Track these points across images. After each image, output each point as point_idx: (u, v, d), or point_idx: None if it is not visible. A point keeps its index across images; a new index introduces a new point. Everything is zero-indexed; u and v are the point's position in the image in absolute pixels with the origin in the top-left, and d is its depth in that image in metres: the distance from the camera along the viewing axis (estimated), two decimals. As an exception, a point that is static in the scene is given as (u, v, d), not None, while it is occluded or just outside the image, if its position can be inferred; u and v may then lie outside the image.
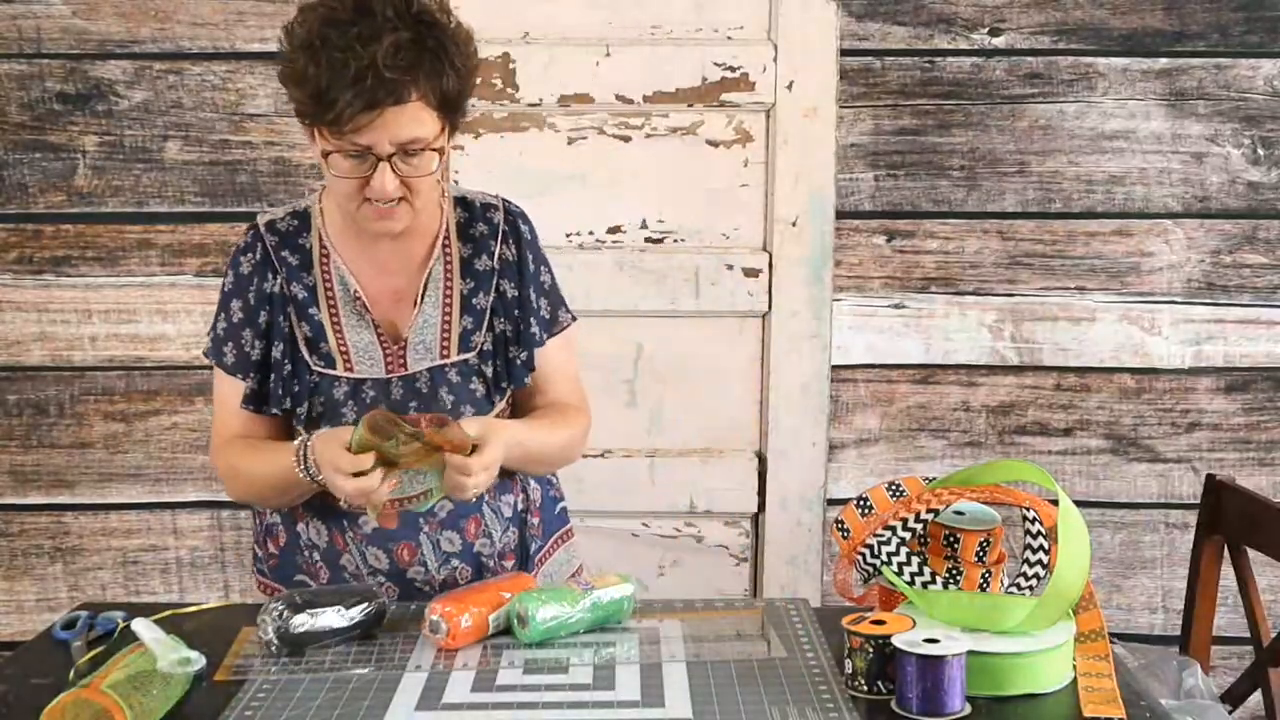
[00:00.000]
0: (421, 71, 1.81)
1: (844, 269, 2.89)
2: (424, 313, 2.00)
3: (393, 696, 1.65)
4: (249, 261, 2.01)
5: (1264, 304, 2.91)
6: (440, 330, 2.00)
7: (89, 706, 1.52)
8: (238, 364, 2.01)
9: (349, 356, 1.98)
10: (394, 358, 1.99)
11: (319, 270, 2.01)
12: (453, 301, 2.01)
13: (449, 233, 2.03)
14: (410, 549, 2.00)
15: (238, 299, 2.02)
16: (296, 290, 1.99)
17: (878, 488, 1.87)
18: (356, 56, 1.77)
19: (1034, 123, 2.86)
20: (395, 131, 1.82)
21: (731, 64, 2.82)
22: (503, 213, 2.06)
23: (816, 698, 1.64)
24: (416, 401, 1.97)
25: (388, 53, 1.78)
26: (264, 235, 2.02)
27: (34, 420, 2.90)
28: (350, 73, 1.77)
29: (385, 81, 1.78)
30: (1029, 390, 2.93)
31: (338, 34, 1.79)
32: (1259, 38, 2.84)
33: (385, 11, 1.81)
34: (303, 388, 1.99)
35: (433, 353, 1.99)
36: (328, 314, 1.99)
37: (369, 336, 1.99)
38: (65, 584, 2.94)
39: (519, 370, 2.03)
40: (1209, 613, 2.36)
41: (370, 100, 1.78)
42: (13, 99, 2.83)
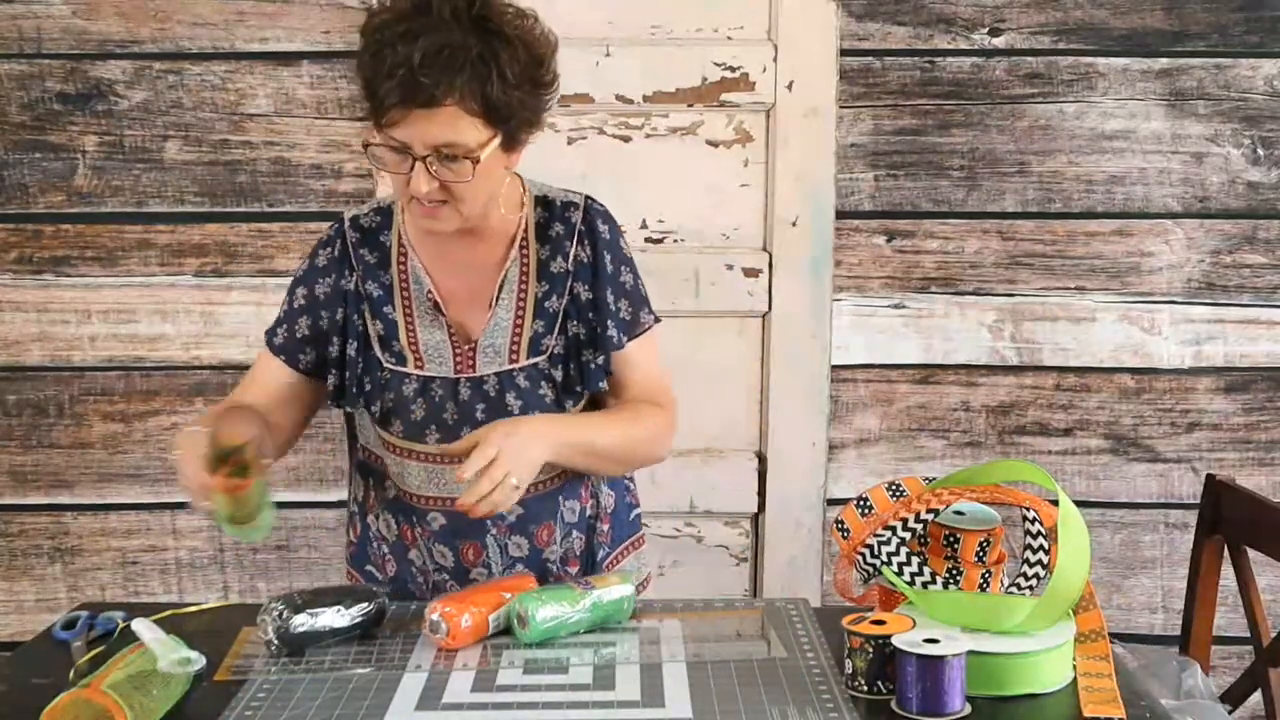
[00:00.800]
0: (461, 77, 1.77)
1: (844, 269, 2.89)
2: (497, 315, 1.98)
3: (393, 696, 1.65)
4: (327, 255, 2.02)
5: (1264, 304, 2.91)
6: (511, 334, 1.98)
7: (89, 707, 1.52)
8: (284, 346, 2.02)
9: (420, 355, 1.98)
10: (464, 359, 1.97)
11: (396, 268, 2.00)
12: (526, 304, 1.98)
13: (527, 233, 2.00)
14: (476, 549, 2.01)
15: (303, 286, 2.02)
16: (372, 288, 1.99)
17: (878, 488, 1.87)
18: (395, 53, 1.76)
19: (1034, 123, 2.86)
20: (427, 134, 1.79)
21: (731, 64, 2.82)
22: (582, 212, 2.01)
23: (816, 698, 1.64)
24: (484, 404, 1.96)
25: (426, 54, 1.75)
26: (347, 231, 2.02)
27: (34, 420, 2.90)
28: (386, 67, 1.76)
29: (418, 83, 1.75)
30: (1029, 390, 2.93)
31: (390, 30, 1.78)
32: (1259, 38, 2.84)
33: (443, 11, 1.78)
34: (375, 385, 1.98)
35: (502, 356, 1.97)
36: (402, 312, 1.99)
37: (441, 336, 1.98)
38: (65, 584, 2.94)
39: (593, 374, 1.99)
40: (1209, 613, 2.36)
41: (402, 98, 1.77)
42: (13, 99, 2.83)
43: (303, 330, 2.01)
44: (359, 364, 1.99)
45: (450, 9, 1.78)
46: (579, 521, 2.06)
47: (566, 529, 2.05)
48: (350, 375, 1.99)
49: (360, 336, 1.99)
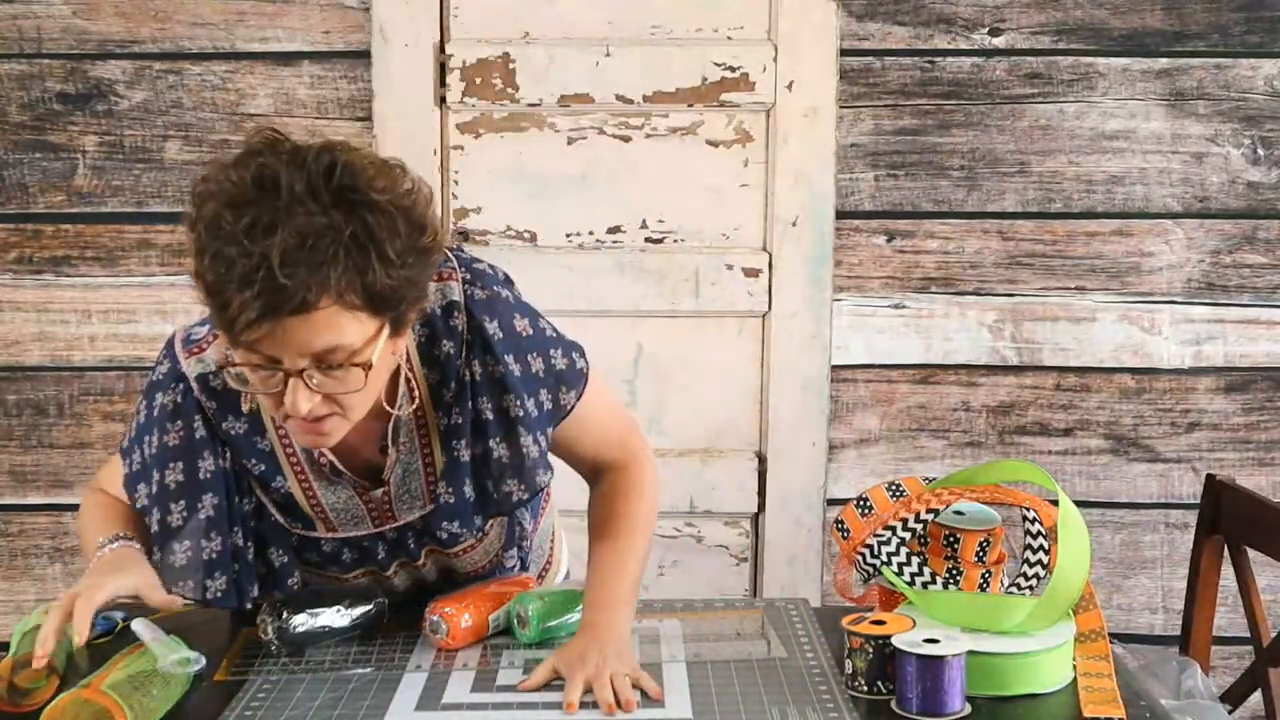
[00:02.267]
0: (334, 270, 1.43)
1: (844, 269, 2.89)
2: (401, 460, 1.72)
3: (393, 696, 1.65)
4: (179, 435, 1.68)
5: (1264, 304, 2.91)
6: (424, 475, 1.74)
7: (89, 706, 1.52)
8: (158, 499, 1.69)
9: (328, 519, 1.75)
10: (379, 509, 1.75)
11: (274, 433, 1.69)
12: (430, 441, 1.72)
13: (411, 364, 1.68)
14: None
15: (158, 433, 1.70)
16: (252, 465, 1.70)
17: (878, 488, 1.87)
18: (245, 253, 1.40)
19: (1034, 123, 2.86)
20: (303, 343, 1.45)
21: (731, 64, 2.82)
22: (465, 313, 1.67)
23: (816, 698, 1.64)
24: (414, 535, 1.79)
25: (287, 247, 1.40)
26: (199, 399, 1.67)
27: (33, 420, 2.90)
28: (237, 272, 1.41)
29: (281, 287, 1.40)
30: (1029, 390, 2.93)
31: (230, 219, 1.42)
32: (1259, 38, 2.84)
33: (295, 186, 1.43)
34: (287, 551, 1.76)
35: (420, 499, 1.75)
36: (295, 480, 1.71)
37: (346, 494, 1.73)
38: (65, 584, 2.93)
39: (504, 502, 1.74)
40: (1209, 613, 2.36)
41: (264, 309, 1.41)
42: (13, 99, 2.83)
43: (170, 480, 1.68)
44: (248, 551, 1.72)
45: (304, 184, 1.44)
46: (514, 560, 1.95)
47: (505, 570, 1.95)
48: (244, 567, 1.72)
49: (251, 515, 1.72)
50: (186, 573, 1.67)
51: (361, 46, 2.81)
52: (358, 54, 2.81)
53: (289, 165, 1.46)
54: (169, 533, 1.69)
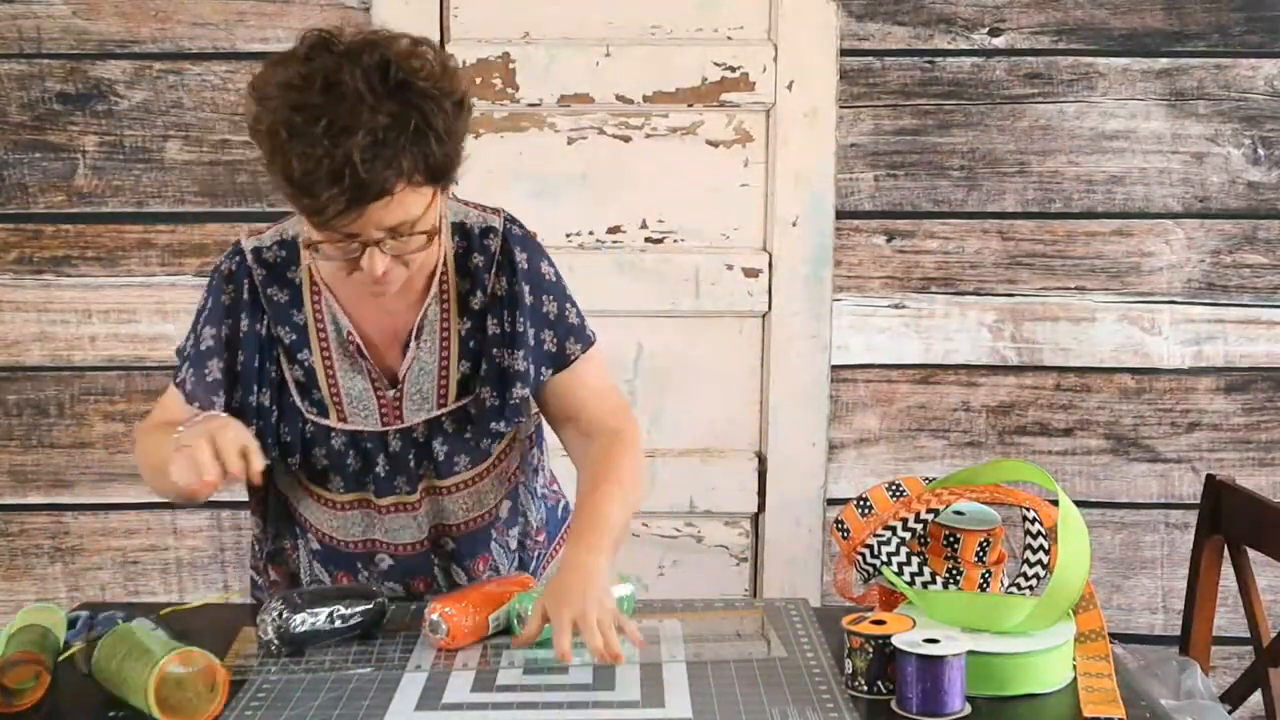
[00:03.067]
0: (405, 157, 1.62)
1: (844, 269, 2.89)
2: (420, 358, 1.85)
3: (393, 696, 1.65)
4: (231, 294, 1.84)
5: (1264, 304, 2.91)
6: (438, 376, 1.86)
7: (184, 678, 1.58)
8: (197, 390, 1.83)
9: (342, 406, 1.85)
10: (389, 408, 1.86)
11: (310, 308, 1.85)
12: (450, 343, 1.86)
13: (447, 266, 1.85)
14: (426, 581, 1.98)
15: (211, 326, 1.85)
16: (284, 333, 1.84)
17: (878, 488, 1.87)
18: (329, 154, 1.58)
19: (1034, 123, 2.86)
20: (382, 220, 1.65)
21: (731, 64, 2.82)
22: (500, 238, 1.86)
23: (816, 698, 1.64)
24: (414, 451, 1.87)
25: (365, 146, 1.58)
26: (251, 268, 1.84)
27: (34, 420, 2.90)
28: (324, 171, 1.58)
29: (365, 180, 1.59)
30: (1029, 390, 2.93)
31: (305, 121, 1.59)
32: (1259, 38, 2.84)
33: (358, 88, 1.60)
34: (295, 437, 1.86)
35: (429, 402, 1.86)
36: (320, 356, 1.85)
37: (363, 383, 1.85)
38: (65, 584, 2.94)
39: (510, 411, 1.85)
40: (1209, 613, 2.36)
41: (352, 199, 1.60)
42: (13, 99, 2.83)
43: (214, 374, 1.83)
44: (273, 413, 1.85)
45: (365, 83, 1.61)
46: (518, 547, 2.02)
47: (512, 556, 2.01)
48: (265, 426, 1.84)
49: (275, 385, 1.85)
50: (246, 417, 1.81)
51: (361, 46, 2.80)
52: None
53: (347, 65, 1.62)
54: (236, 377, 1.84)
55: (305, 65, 1.63)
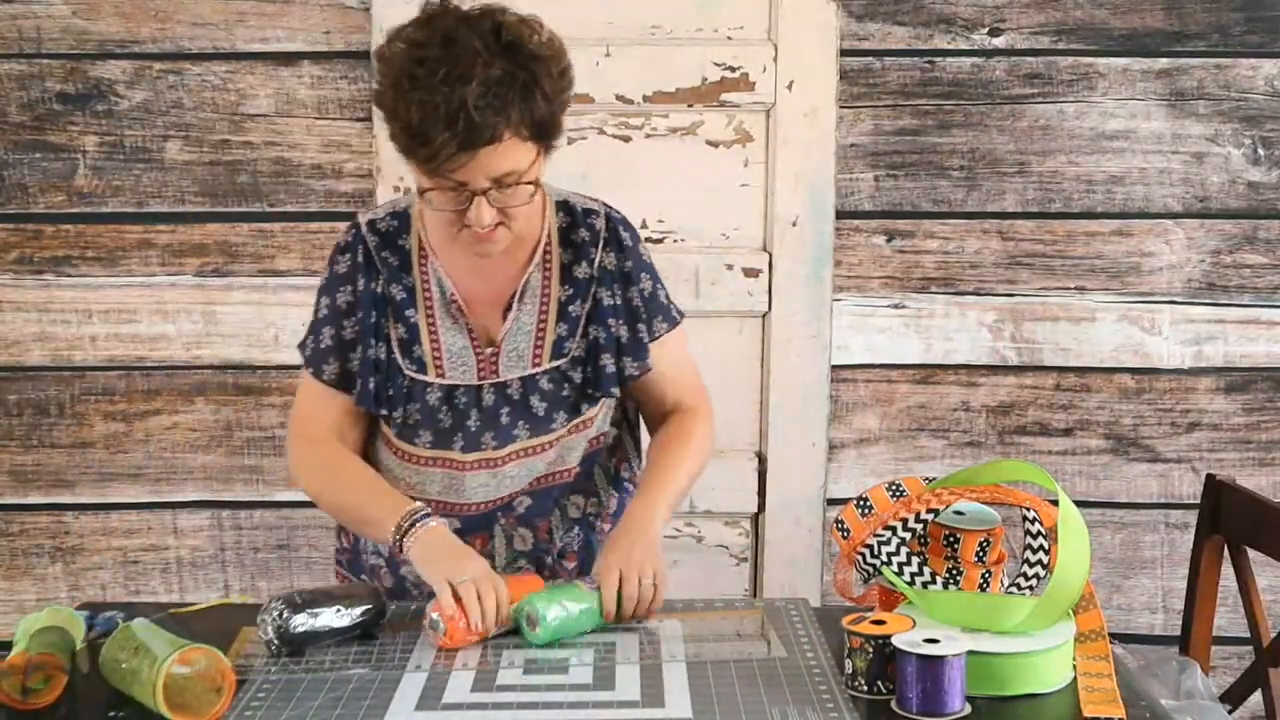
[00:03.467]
0: (513, 109, 1.78)
1: (844, 269, 2.89)
2: (519, 319, 1.98)
3: (393, 696, 1.65)
4: (347, 262, 1.99)
5: (1264, 304, 2.91)
6: (534, 337, 1.98)
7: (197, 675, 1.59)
8: (313, 358, 2.00)
9: (441, 361, 1.97)
10: (486, 364, 1.97)
11: (418, 272, 1.99)
12: (549, 308, 1.99)
13: (550, 238, 2.00)
14: (483, 540, 2.02)
15: (327, 296, 2.00)
16: (395, 291, 1.98)
17: (878, 488, 1.87)
18: (445, 99, 1.74)
19: (1034, 123, 2.86)
20: (490, 168, 1.80)
21: (731, 64, 2.82)
22: (604, 219, 2.02)
23: (816, 698, 1.64)
24: (508, 408, 1.97)
25: (478, 94, 1.74)
26: (365, 235, 1.99)
27: (34, 420, 2.90)
28: (441, 115, 1.75)
29: (478, 125, 1.75)
30: (1029, 390, 2.93)
31: (426, 72, 1.76)
32: (1259, 38, 2.84)
33: (473, 43, 1.77)
34: (396, 392, 1.97)
35: (525, 360, 1.98)
36: (424, 316, 1.98)
37: (462, 341, 1.97)
38: (65, 584, 2.94)
39: (608, 379, 1.99)
40: (1209, 613, 2.36)
41: (463, 142, 1.76)
42: (13, 99, 2.83)
43: (326, 341, 1.99)
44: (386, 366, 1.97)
45: (479, 40, 1.77)
46: (580, 519, 2.08)
47: (570, 524, 2.06)
48: (376, 380, 1.97)
49: (386, 340, 1.97)
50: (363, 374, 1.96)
51: (361, 46, 2.81)
52: (358, 54, 2.81)
53: (464, 26, 1.79)
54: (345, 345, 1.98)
55: (426, 27, 1.80)
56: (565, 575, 2.05)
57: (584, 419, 2.02)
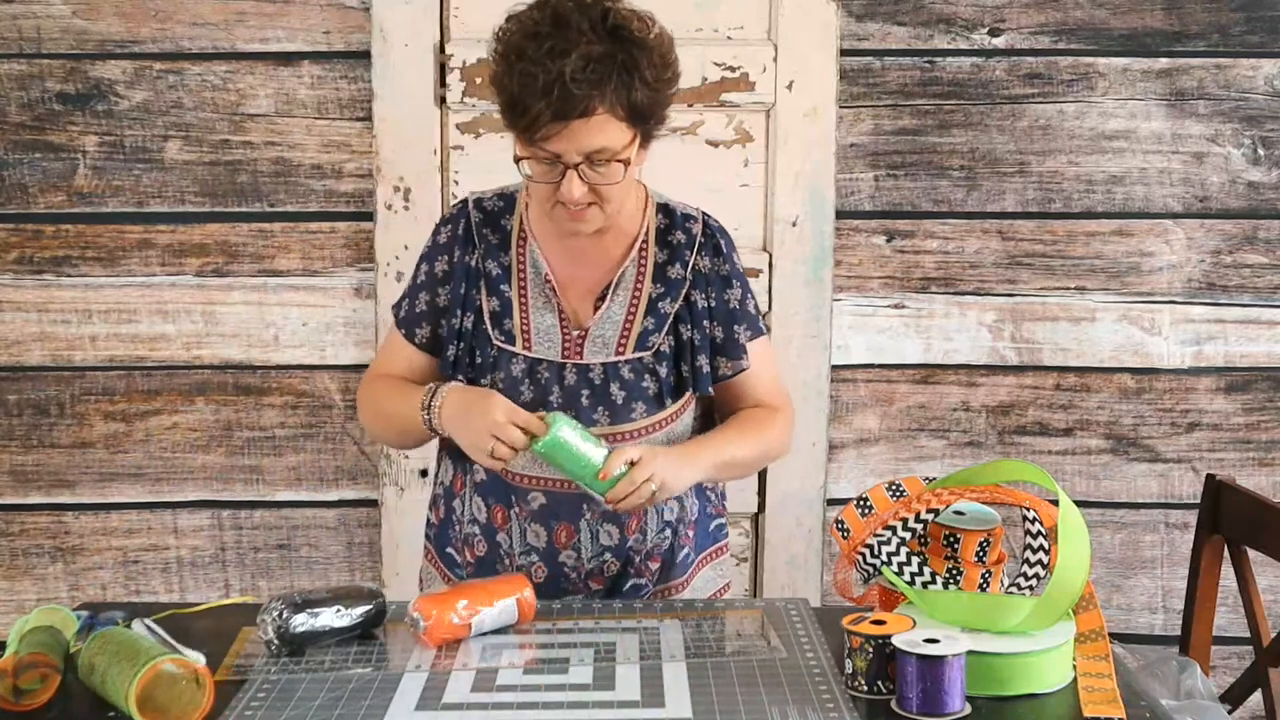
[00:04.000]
0: (609, 85, 1.86)
1: (844, 269, 2.89)
2: (609, 309, 2.05)
3: (393, 696, 1.65)
4: (448, 232, 2.09)
5: (1264, 304, 2.91)
6: (622, 327, 2.05)
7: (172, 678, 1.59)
8: (404, 320, 2.10)
9: (529, 336, 2.05)
10: (572, 345, 2.04)
11: (515, 251, 2.08)
12: (639, 302, 2.06)
13: (648, 236, 2.08)
14: (569, 531, 2.04)
15: (426, 263, 2.10)
16: (491, 267, 2.06)
17: (878, 488, 1.87)
18: (545, 70, 1.84)
19: (1034, 123, 2.86)
20: (582, 142, 1.88)
21: (731, 64, 2.82)
22: (701, 225, 2.10)
23: (816, 698, 1.64)
24: (588, 390, 2.02)
25: (576, 67, 1.84)
26: (470, 211, 2.10)
27: (34, 420, 2.91)
28: (539, 85, 1.84)
29: (571, 95, 1.84)
30: (1029, 390, 2.93)
31: (533, 46, 1.86)
32: (1259, 38, 2.84)
33: (580, 24, 1.87)
34: (484, 360, 2.05)
35: (609, 348, 2.04)
36: (517, 293, 2.06)
37: (551, 320, 2.05)
38: (65, 584, 2.94)
39: (704, 378, 2.06)
40: (1209, 613, 2.37)
41: (557, 112, 1.85)
42: (13, 99, 2.83)
43: (421, 305, 2.09)
44: (471, 337, 2.06)
45: (587, 22, 1.87)
46: (671, 521, 2.09)
47: (661, 525, 2.08)
48: (464, 347, 2.06)
49: (475, 311, 2.06)
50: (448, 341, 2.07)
51: (361, 46, 2.81)
52: (358, 54, 2.81)
53: (574, 7, 1.89)
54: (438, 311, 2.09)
55: (539, 9, 1.91)
56: (648, 576, 2.08)
57: (666, 415, 2.06)
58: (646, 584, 2.08)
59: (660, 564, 2.09)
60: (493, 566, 2.08)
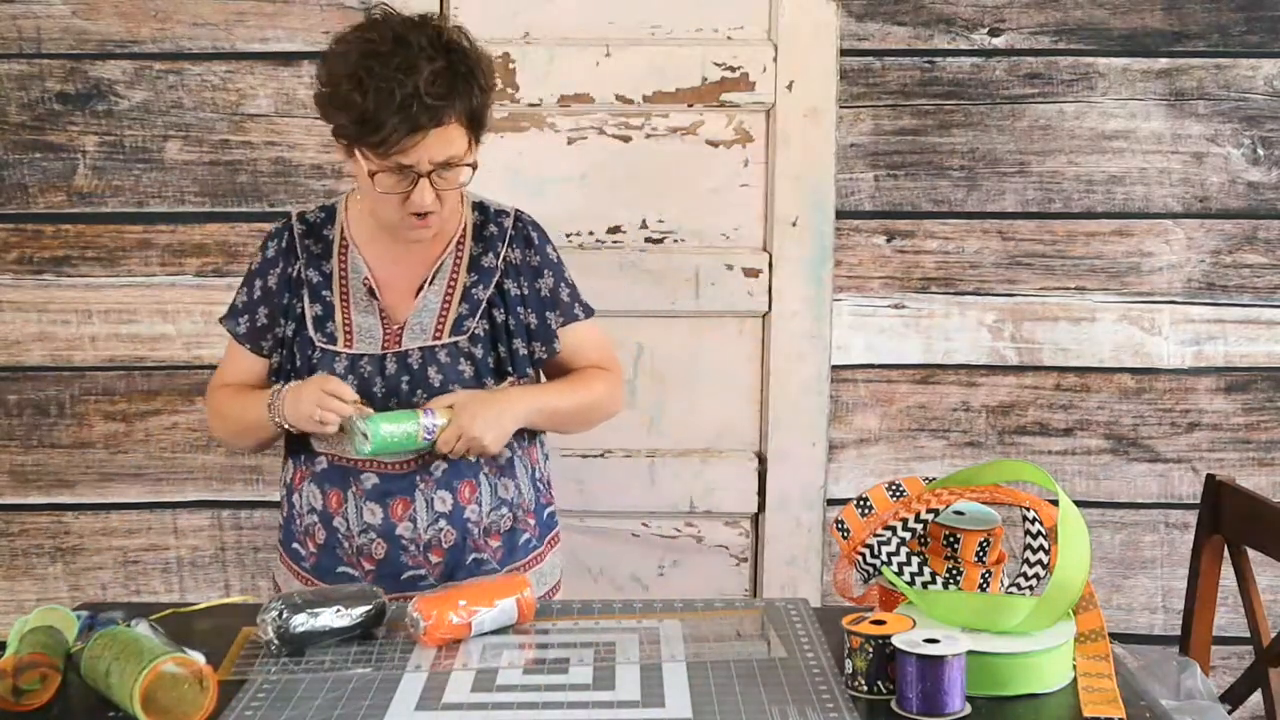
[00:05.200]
0: (456, 96, 2.00)
1: (844, 269, 2.89)
2: (426, 299, 2.16)
3: (393, 696, 1.65)
4: (275, 247, 2.21)
5: (1264, 304, 2.91)
6: (438, 315, 2.16)
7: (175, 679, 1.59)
8: (249, 334, 2.21)
9: (351, 335, 2.15)
10: (391, 337, 2.15)
11: (337, 259, 2.20)
12: (455, 291, 2.17)
13: (465, 233, 2.21)
14: (405, 504, 2.12)
15: (259, 278, 2.21)
16: (313, 275, 2.18)
17: (878, 488, 1.87)
18: (400, 85, 1.95)
19: (1034, 123, 2.86)
20: (434, 151, 2.01)
21: (731, 64, 2.82)
22: (513, 219, 2.23)
23: (816, 698, 1.64)
24: (408, 377, 2.13)
25: (428, 81, 1.96)
26: (294, 224, 2.22)
27: (34, 420, 2.90)
28: (396, 100, 1.95)
29: (427, 108, 1.97)
30: (1029, 390, 2.93)
31: (380, 64, 1.97)
32: (1259, 38, 2.84)
33: (420, 42, 1.99)
34: (305, 363, 2.16)
35: (427, 334, 2.15)
36: (339, 297, 2.17)
37: (373, 320, 2.16)
38: (65, 584, 2.94)
39: (520, 360, 2.19)
40: (1209, 613, 2.37)
41: (414, 125, 1.97)
42: (13, 99, 2.83)
43: (261, 319, 2.20)
44: (294, 343, 2.17)
45: (425, 39, 2.00)
46: (510, 500, 2.18)
47: (496, 502, 2.16)
48: (286, 354, 2.18)
49: (297, 319, 2.17)
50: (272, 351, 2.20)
51: (362, 46, 2.80)
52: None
53: (409, 28, 2.01)
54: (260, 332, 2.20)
55: (374, 29, 2.03)
56: (490, 552, 2.16)
57: None
58: (490, 560, 2.15)
59: (500, 542, 2.17)
60: (333, 551, 2.16)
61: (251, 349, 2.22)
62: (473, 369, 2.15)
